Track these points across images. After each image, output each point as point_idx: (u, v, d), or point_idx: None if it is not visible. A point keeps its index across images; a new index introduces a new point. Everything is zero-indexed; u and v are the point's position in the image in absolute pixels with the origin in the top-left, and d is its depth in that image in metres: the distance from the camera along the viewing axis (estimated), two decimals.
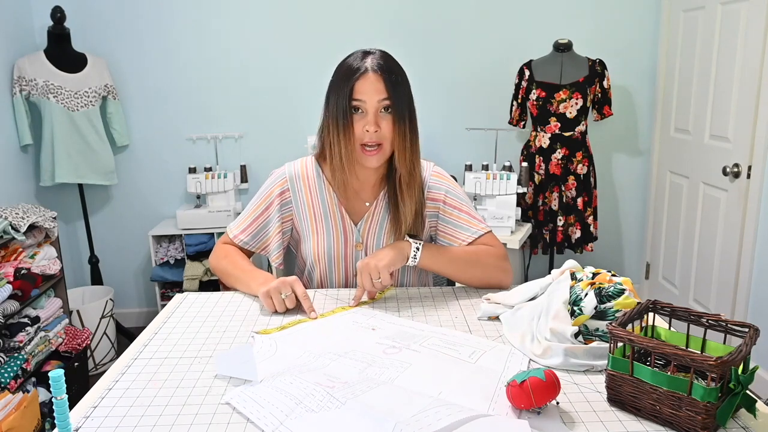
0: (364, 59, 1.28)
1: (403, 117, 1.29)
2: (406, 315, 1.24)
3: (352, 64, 1.29)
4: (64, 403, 0.68)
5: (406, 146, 1.31)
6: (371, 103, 1.27)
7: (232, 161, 3.33)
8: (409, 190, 1.36)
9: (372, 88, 1.26)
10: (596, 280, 1.05)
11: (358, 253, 1.43)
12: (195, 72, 3.24)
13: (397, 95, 1.28)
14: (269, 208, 1.44)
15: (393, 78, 1.28)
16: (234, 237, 1.47)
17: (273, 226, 1.44)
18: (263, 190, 1.46)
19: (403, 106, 1.30)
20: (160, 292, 3.21)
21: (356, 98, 1.27)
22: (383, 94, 1.27)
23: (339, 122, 1.29)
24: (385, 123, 1.29)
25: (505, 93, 3.22)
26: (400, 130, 1.30)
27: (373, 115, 1.28)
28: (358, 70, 1.27)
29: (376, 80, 1.26)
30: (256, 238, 1.46)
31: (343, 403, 0.85)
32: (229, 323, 1.20)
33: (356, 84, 1.26)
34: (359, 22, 3.21)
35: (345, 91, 1.27)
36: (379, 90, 1.26)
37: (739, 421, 0.83)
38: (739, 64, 2.54)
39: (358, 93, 1.27)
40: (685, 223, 3.04)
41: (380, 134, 1.29)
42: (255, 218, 1.45)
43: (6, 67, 2.88)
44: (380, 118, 1.29)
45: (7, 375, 2.14)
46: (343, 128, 1.29)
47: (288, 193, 1.43)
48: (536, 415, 0.84)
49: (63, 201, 3.26)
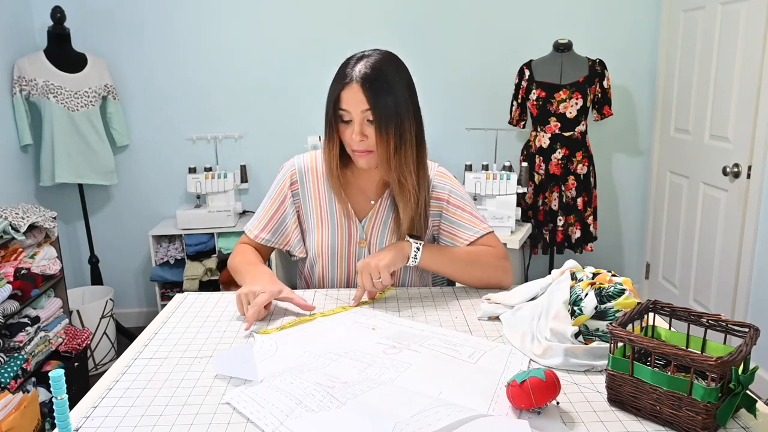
0: (355, 66, 1.27)
1: (386, 126, 1.26)
2: (406, 315, 1.24)
3: (344, 70, 1.28)
4: (64, 403, 0.68)
5: (390, 156, 1.29)
6: (355, 113, 1.27)
7: (232, 161, 3.32)
8: (402, 197, 1.35)
9: (355, 99, 1.26)
10: (596, 280, 1.05)
11: (361, 250, 1.43)
12: (195, 72, 3.24)
13: (379, 106, 1.25)
14: (284, 201, 1.45)
15: (377, 87, 1.25)
16: (255, 237, 1.46)
17: (291, 219, 1.45)
18: (276, 185, 1.47)
19: (388, 116, 1.26)
20: (160, 292, 3.21)
21: (342, 108, 1.28)
22: (365, 105, 1.26)
23: (326, 128, 1.33)
24: (371, 131, 1.29)
25: (505, 93, 3.22)
26: (382, 139, 1.27)
27: (359, 124, 1.28)
28: (344, 77, 1.27)
29: (358, 91, 1.25)
30: (277, 234, 1.46)
31: (343, 403, 0.85)
32: (229, 323, 1.21)
33: (342, 93, 1.27)
34: (359, 22, 3.21)
35: (332, 99, 1.29)
36: (361, 101, 1.25)
37: (739, 421, 0.83)
38: (739, 64, 2.54)
39: (344, 102, 1.27)
40: (685, 223, 3.04)
41: (368, 143, 1.29)
42: (272, 214, 1.46)
43: (6, 67, 2.88)
44: (366, 127, 1.28)
45: (7, 375, 2.14)
46: (328, 135, 1.33)
47: (297, 184, 1.44)
48: (536, 415, 0.84)
49: (63, 201, 3.26)
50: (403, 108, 1.29)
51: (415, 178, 1.34)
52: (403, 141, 1.30)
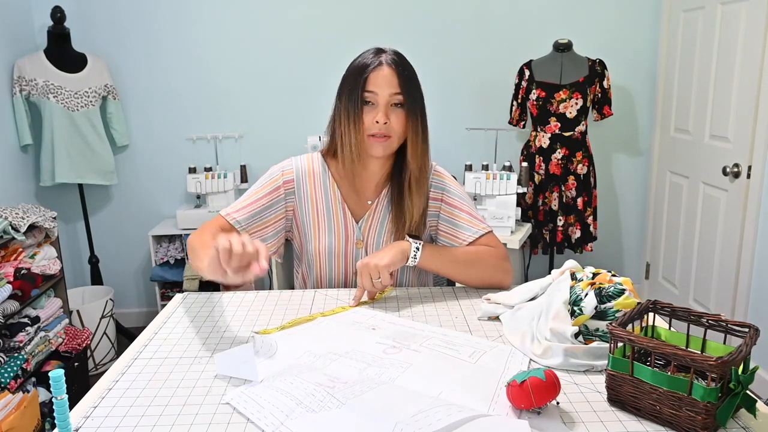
0: (379, 55, 1.31)
1: (415, 112, 1.31)
2: (406, 315, 1.24)
3: (367, 58, 1.32)
4: (64, 403, 0.68)
5: (418, 141, 1.33)
6: (383, 96, 1.29)
7: (232, 161, 3.32)
8: (418, 187, 1.37)
9: (385, 81, 1.28)
10: (596, 280, 1.05)
11: (358, 251, 1.43)
12: (195, 72, 3.23)
13: (409, 90, 1.30)
14: (273, 192, 1.40)
15: (406, 74, 1.30)
16: (227, 215, 1.36)
17: (274, 212, 1.40)
18: (267, 176, 1.42)
19: (416, 102, 1.32)
20: (160, 292, 3.21)
21: (369, 89, 1.29)
22: (396, 88, 1.29)
23: (350, 113, 1.30)
24: (394, 117, 1.30)
25: (505, 93, 3.22)
26: (414, 125, 1.32)
27: (384, 107, 1.29)
28: (372, 63, 1.30)
29: (390, 74, 1.29)
30: (253, 219, 1.37)
31: (343, 403, 0.85)
32: (229, 323, 1.20)
33: (370, 76, 1.29)
34: (360, 23, 3.21)
35: (359, 83, 1.29)
36: (392, 83, 1.28)
37: (739, 421, 0.83)
38: (739, 64, 2.54)
39: (371, 85, 1.28)
40: (685, 223, 3.04)
41: (389, 127, 1.30)
42: (256, 200, 1.38)
43: (6, 67, 2.88)
44: (390, 112, 1.30)
45: (7, 375, 2.14)
46: (354, 119, 1.30)
47: (293, 183, 1.41)
48: (536, 415, 0.84)
49: (63, 201, 3.26)
50: (423, 99, 1.35)
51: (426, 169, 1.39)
52: (425, 126, 1.35)
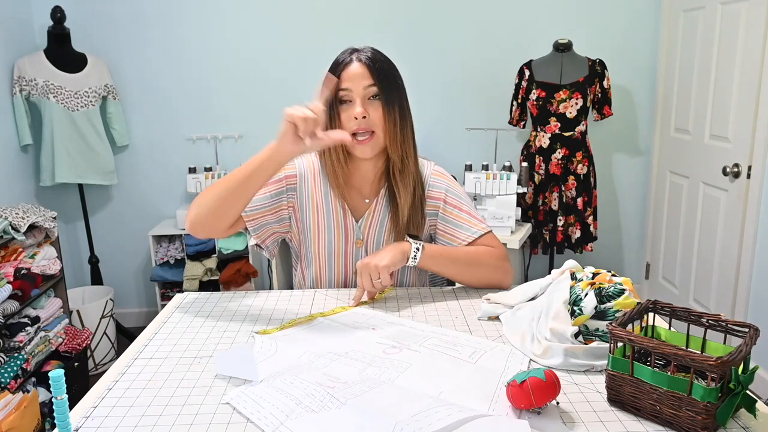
0: (352, 53, 1.32)
1: (391, 102, 1.31)
2: (406, 315, 1.24)
3: (340, 57, 1.33)
4: (64, 403, 0.68)
5: (396, 132, 1.33)
6: (357, 90, 1.29)
7: (232, 161, 3.32)
8: (402, 178, 1.37)
9: (357, 75, 1.29)
10: (596, 280, 1.05)
11: (357, 251, 1.43)
12: (195, 72, 3.24)
13: (383, 81, 1.30)
14: (275, 183, 1.38)
15: (378, 66, 1.30)
16: None
17: (276, 202, 1.39)
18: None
19: (392, 93, 1.31)
20: (160, 292, 3.21)
21: (343, 87, 1.29)
22: (369, 80, 1.29)
23: (329, 113, 1.30)
24: (373, 110, 1.30)
25: (505, 93, 3.22)
26: (391, 114, 1.31)
27: (360, 101, 1.29)
28: (344, 61, 1.31)
29: (361, 67, 1.29)
30: (253, 205, 1.35)
31: (343, 403, 0.85)
32: (229, 323, 1.20)
33: (342, 74, 1.29)
34: (359, 23, 3.21)
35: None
36: (365, 76, 1.29)
37: (739, 421, 0.83)
38: (739, 64, 2.54)
39: (344, 81, 1.29)
40: (685, 223, 3.04)
41: (369, 121, 1.30)
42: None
43: (6, 67, 2.88)
44: (368, 105, 1.30)
45: (7, 375, 2.14)
46: (330, 119, 1.30)
47: (295, 179, 1.41)
48: (536, 415, 0.84)
49: (63, 201, 3.26)
50: (402, 84, 1.35)
51: (413, 162, 1.38)
52: (404, 116, 1.34)
